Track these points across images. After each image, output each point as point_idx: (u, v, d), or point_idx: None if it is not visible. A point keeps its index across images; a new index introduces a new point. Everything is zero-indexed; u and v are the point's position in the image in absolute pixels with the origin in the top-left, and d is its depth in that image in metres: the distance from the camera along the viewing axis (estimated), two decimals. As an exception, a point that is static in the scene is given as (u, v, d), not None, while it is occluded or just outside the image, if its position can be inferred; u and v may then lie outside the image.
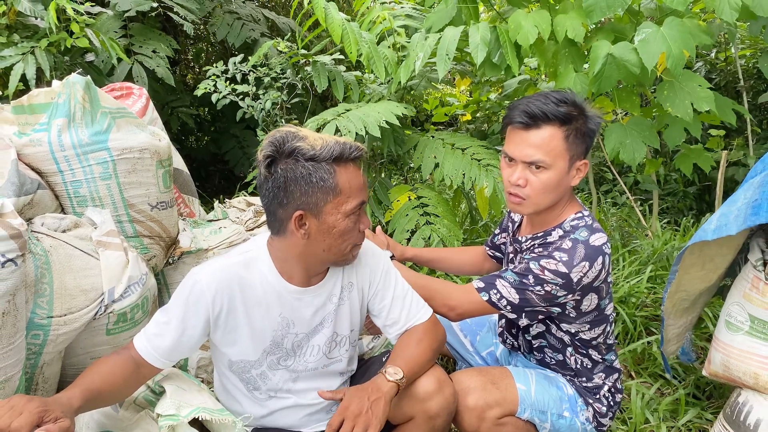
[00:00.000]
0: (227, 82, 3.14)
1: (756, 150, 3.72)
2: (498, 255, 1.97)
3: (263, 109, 3.10)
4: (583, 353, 1.65)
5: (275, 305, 1.41)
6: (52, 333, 1.47)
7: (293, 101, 3.26)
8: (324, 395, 1.40)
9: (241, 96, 3.14)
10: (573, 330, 1.62)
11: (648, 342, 2.29)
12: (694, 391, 2.06)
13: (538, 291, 1.51)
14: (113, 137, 1.74)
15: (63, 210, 1.78)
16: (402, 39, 2.94)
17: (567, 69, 2.48)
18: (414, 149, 2.90)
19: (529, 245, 1.63)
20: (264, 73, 3.18)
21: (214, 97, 3.07)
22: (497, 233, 1.95)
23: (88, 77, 1.73)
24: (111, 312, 1.59)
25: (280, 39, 3.23)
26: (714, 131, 3.62)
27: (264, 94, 3.15)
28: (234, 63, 3.17)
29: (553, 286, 1.49)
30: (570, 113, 1.48)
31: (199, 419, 1.29)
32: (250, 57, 3.20)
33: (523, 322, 1.60)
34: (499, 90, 4.15)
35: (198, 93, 3.09)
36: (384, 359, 1.56)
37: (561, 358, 1.68)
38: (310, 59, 3.03)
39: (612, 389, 1.68)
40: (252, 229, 2.28)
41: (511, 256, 1.74)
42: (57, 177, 1.73)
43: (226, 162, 4.94)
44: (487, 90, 4.31)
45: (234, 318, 1.38)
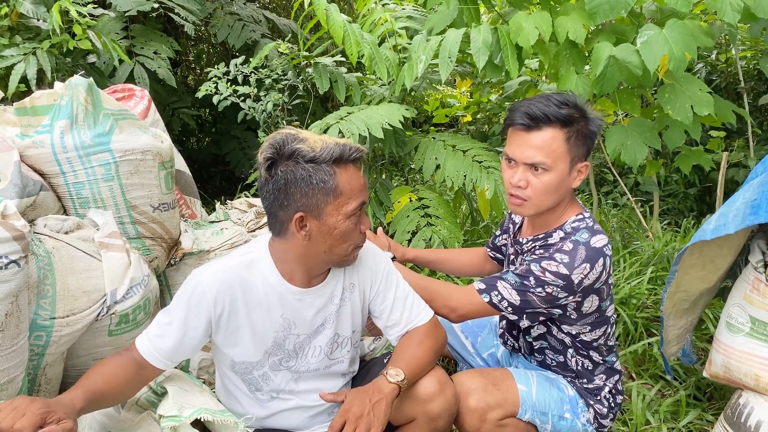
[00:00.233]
0: (228, 83, 3.14)
1: (756, 151, 3.72)
2: (499, 256, 1.97)
3: (264, 111, 3.11)
4: (584, 355, 1.65)
5: (277, 306, 1.41)
6: (54, 334, 1.47)
7: (294, 103, 3.26)
8: (325, 397, 1.41)
9: (243, 97, 3.15)
10: (574, 331, 1.62)
11: (649, 343, 2.29)
12: (694, 393, 2.07)
13: (539, 292, 1.51)
14: (116, 139, 1.74)
15: (65, 211, 1.79)
16: (403, 41, 2.94)
17: (568, 71, 2.48)
18: (415, 151, 2.90)
19: (530, 247, 1.63)
20: (265, 75, 3.18)
21: (215, 99, 3.08)
22: (498, 235, 1.95)
23: (90, 79, 1.73)
24: (113, 313, 1.59)
25: (281, 40, 3.24)
26: (714, 133, 3.62)
27: (265, 95, 3.15)
28: (235, 65, 3.17)
29: (554, 287, 1.49)
30: (571, 115, 1.48)
31: (201, 420, 1.29)
32: (251, 58, 3.20)
33: (524, 323, 1.60)
34: (500, 91, 4.15)
35: (199, 95, 3.10)
36: (385, 361, 1.56)
37: (562, 359, 1.68)
38: (311, 61, 3.03)
39: (613, 390, 1.68)
40: (253, 231, 2.28)
41: (512, 257, 1.75)
42: (59, 178, 1.73)
43: (227, 163, 4.94)
44: (488, 91, 4.31)
45: (235, 319, 1.39)
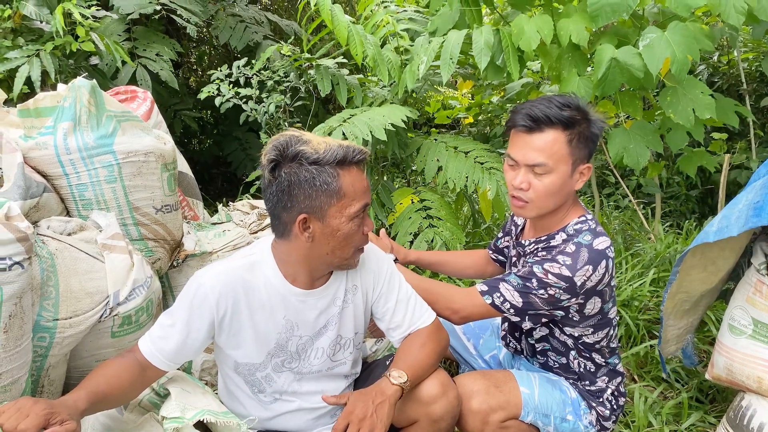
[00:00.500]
0: (231, 85, 3.15)
1: (759, 153, 3.72)
2: (501, 258, 1.97)
3: (266, 112, 3.11)
4: (587, 357, 1.65)
5: (279, 308, 1.41)
6: (57, 335, 1.47)
7: (296, 104, 3.26)
8: (328, 399, 1.41)
9: (245, 99, 3.15)
10: (576, 333, 1.62)
11: (651, 345, 2.28)
12: (697, 395, 2.06)
13: (541, 294, 1.51)
14: (118, 141, 1.75)
15: (68, 213, 1.79)
16: (405, 42, 2.94)
17: (570, 73, 2.48)
18: (417, 152, 2.90)
19: (533, 249, 1.63)
20: (267, 77, 3.19)
21: (217, 101, 3.08)
22: (500, 237, 1.95)
23: (93, 81, 1.74)
24: (116, 315, 1.60)
25: (283, 42, 3.24)
26: (716, 134, 3.62)
27: (267, 97, 3.16)
28: (238, 66, 3.18)
29: (557, 289, 1.49)
30: (573, 117, 1.48)
31: (204, 422, 1.30)
32: (253, 60, 3.20)
33: (527, 325, 1.60)
34: (502, 93, 4.15)
35: (201, 96, 3.10)
36: (387, 362, 1.56)
37: (564, 361, 1.68)
38: (313, 62, 3.04)
39: (615, 393, 1.68)
40: (256, 232, 2.29)
41: (514, 259, 1.75)
42: (62, 180, 1.74)
43: (229, 165, 4.94)
44: (490, 93, 4.31)
45: (238, 321, 1.39)
